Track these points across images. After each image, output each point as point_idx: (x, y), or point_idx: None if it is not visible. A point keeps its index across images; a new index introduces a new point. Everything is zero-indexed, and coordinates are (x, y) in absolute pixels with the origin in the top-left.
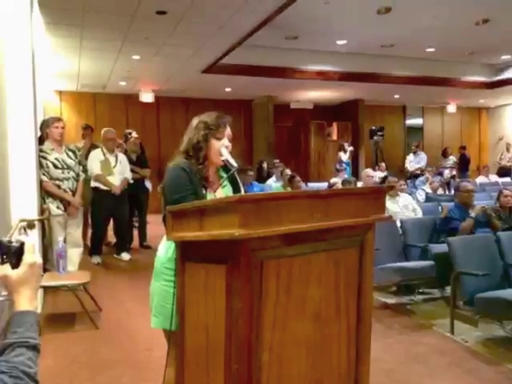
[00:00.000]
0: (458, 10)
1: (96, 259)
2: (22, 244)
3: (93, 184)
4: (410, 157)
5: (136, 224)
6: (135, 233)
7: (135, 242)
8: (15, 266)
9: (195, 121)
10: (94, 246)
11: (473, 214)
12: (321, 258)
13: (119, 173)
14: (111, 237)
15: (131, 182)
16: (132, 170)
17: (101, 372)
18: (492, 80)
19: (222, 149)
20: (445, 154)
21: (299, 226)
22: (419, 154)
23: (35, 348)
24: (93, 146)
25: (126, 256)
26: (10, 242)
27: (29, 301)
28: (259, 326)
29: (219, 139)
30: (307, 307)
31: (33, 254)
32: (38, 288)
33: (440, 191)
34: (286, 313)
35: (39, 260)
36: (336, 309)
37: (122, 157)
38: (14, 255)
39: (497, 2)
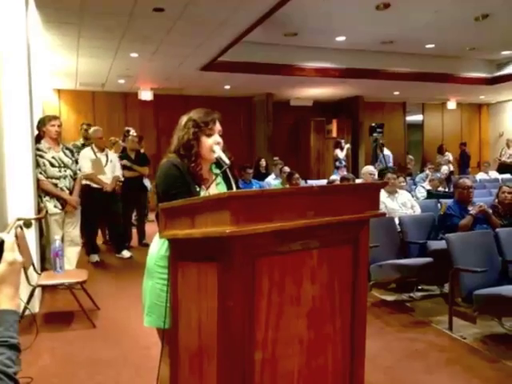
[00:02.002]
0: (458, 6)
1: (94, 257)
2: (2, 242)
3: (83, 182)
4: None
5: (135, 222)
6: (134, 231)
7: (134, 240)
8: None
9: (184, 119)
10: (90, 245)
11: (472, 211)
12: (314, 256)
13: (110, 172)
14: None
15: (122, 179)
16: (131, 168)
17: (98, 371)
18: (492, 76)
19: (215, 146)
20: (441, 151)
21: (291, 223)
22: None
23: (15, 347)
24: (88, 143)
25: (126, 254)
26: None
27: (9, 299)
28: (252, 324)
29: (210, 136)
30: (300, 305)
31: (13, 252)
32: (19, 286)
33: (440, 188)
34: (279, 311)
35: (19, 258)
36: (330, 307)
37: (112, 155)
38: None
39: None
